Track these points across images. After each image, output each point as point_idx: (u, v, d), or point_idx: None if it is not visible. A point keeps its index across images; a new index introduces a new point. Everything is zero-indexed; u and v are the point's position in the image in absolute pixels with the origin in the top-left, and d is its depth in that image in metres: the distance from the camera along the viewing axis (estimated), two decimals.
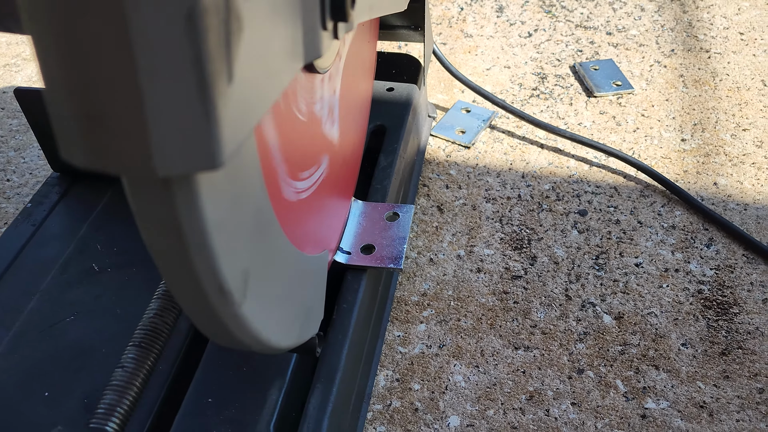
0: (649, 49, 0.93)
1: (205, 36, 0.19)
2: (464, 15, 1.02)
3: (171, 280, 0.27)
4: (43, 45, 0.19)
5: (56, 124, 0.21)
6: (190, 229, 0.24)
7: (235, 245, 0.27)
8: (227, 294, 0.27)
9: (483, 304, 0.62)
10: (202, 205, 0.23)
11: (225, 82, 0.21)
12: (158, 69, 0.19)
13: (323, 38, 0.31)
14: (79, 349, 0.50)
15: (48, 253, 0.58)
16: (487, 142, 0.80)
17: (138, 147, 0.20)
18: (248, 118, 0.23)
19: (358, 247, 0.55)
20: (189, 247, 0.24)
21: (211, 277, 0.26)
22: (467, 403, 0.54)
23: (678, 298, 0.62)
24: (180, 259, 0.25)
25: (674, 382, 0.55)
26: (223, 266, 0.26)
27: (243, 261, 0.28)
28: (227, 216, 0.26)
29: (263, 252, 0.31)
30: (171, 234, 0.24)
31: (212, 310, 0.28)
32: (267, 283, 0.32)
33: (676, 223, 0.69)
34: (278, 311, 0.34)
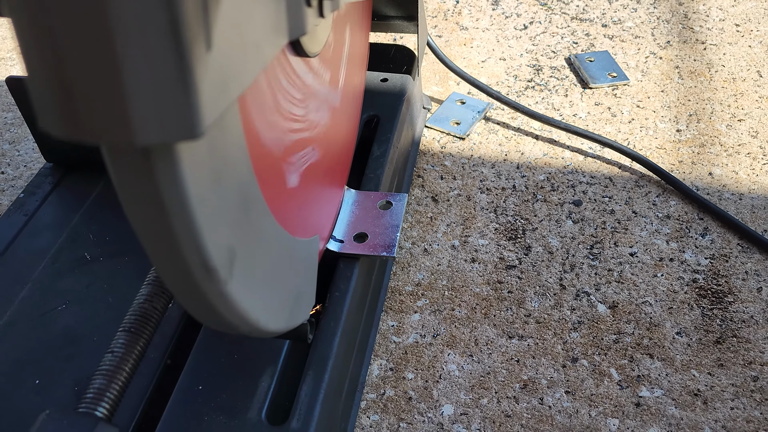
0: (644, 40, 0.93)
1: (182, 1, 0.19)
2: (459, 8, 1.02)
3: (155, 256, 0.26)
4: (19, 13, 0.19)
5: (34, 94, 0.21)
6: (172, 201, 0.23)
7: (219, 220, 0.27)
8: (212, 271, 0.27)
9: (477, 294, 0.62)
10: (183, 177, 0.23)
11: (203, 49, 0.20)
12: (133, 34, 0.19)
13: (308, 15, 0.31)
14: (70, 337, 0.50)
15: (40, 243, 0.57)
16: (482, 134, 0.79)
17: (115, 116, 0.20)
18: (229, 89, 0.23)
19: (351, 235, 0.55)
20: (171, 221, 0.24)
21: (195, 253, 0.26)
22: (461, 391, 0.54)
23: (673, 287, 0.61)
24: (163, 233, 0.25)
25: (668, 370, 0.55)
26: (207, 241, 0.26)
27: (228, 238, 0.28)
28: (210, 189, 0.25)
29: (249, 230, 0.31)
30: (153, 206, 0.24)
31: (198, 289, 0.27)
32: (254, 262, 0.32)
33: (671, 213, 0.68)
34: (266, 293, 0.34)
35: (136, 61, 0.19)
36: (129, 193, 0.24)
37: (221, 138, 0.26)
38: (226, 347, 0.48)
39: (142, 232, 0.25)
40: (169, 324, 0.50)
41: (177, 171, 0.23)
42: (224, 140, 0.27)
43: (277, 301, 0.36)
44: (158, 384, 0.47)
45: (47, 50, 0.19)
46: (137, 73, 0.19)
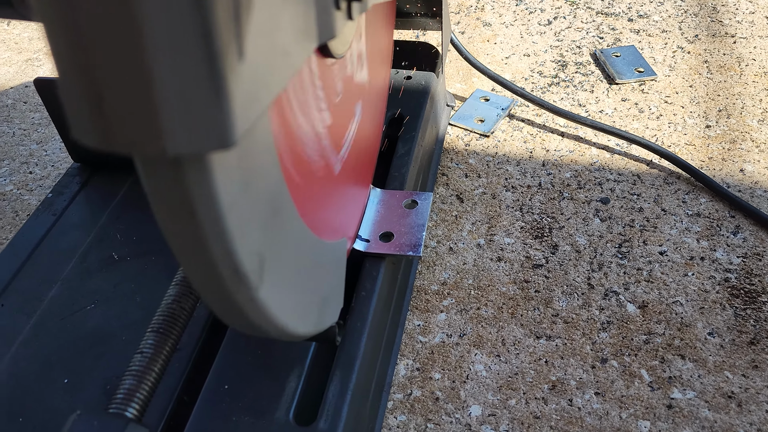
0: (672, 35, 0.91)
1: (214, 10, 0.19)
2: (482, 3, 1.01)
3: (187, 263, 0.26)
4: (50, 23, 0.19)
5: (67, 104, 0.21)
6: (204, 209, 0.23)
7: (249, 226, 0.26)
8: (243, 277, 0.27)
9: (504, 293, 0.61)
10: (215, 185, 0.23)
11: (236, 58, 0.20)
12: (166, 44, 0.19)
13: (337, 18, 0.31)
14: (99, 336, 0.51)
15: (68, 242, 0.58)
16: (507, 131, 0.79)
17: (147, 126, 0.20)
18: (261, 98, 0.23)
19: (377, 234, 0.54)
20: (203, 229, 0.24)
21: (227, 259, 0.25)
22: (489, 392, 0.54)
23: (704, 287, 0.60)
24: (194, 240, 0.25)
25: (701, 371, 0.54)
26: (238, 248, 0.25)
27: (258, 243, 0.28)
28: (241, 196, 0.25)
29: (279, 235, 0.31)
30: (184, 214, 0.23)
31: (229, 294, 0.27)
32: (283, 267, 0.31)
33: (701, 211, 0.67)
34: (295, 296, 0.34)
35: (167, 71, 0.19)
36: (160, 200, 0.24)
37: (251, 143, 0.26)
38: (253, 347, 0.47)
39: (172, 238, 0.25)
40: (197, 324, 0.50)
41: (209, 179, 0.23)
42: (254, 145, 0.26)
43: (306, 304, 0.36)
44: (186, 384, 0.47)
45: (79, 60, 0.19)
46: (169, 83, 0.19)
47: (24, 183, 0.77)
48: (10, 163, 0.79)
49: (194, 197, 0.23)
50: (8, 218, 0.72)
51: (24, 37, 1.02)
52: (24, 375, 0.48)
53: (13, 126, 0.85)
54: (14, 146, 0.82)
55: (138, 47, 0.19)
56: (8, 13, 0.37)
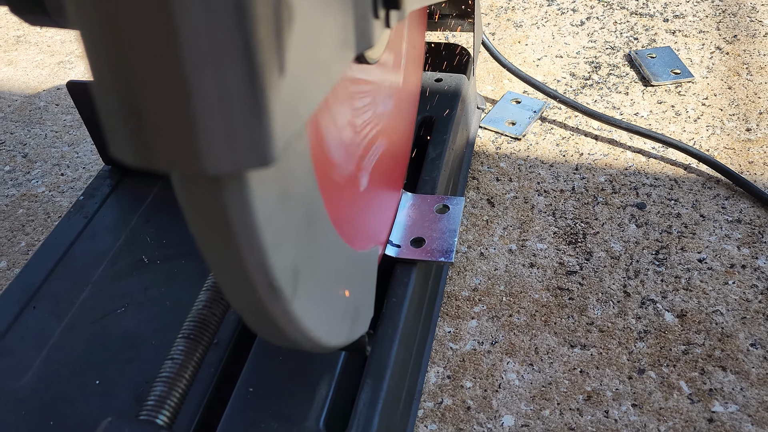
0: (709, 35, 0.89)
1: (256, 26, 0.18)
2: (513, 4, 0.99)
3: (220, 276, 0.26)
4: (89, 39, 0.19)
5: (105, 121, 0.20)
6: (240, 225, 0.23)
7: (284, 240, 0.26)
8: (278, 291, 0.26)
9: (536, 300, 0.60)
10: (253, 202, 0.22)
11: (276, 75, 0.20)
12: (206, 62, 0.18)
13: (375, 27, 0.30)
14: (129, 340, 0.50)
15: (99, 245, 0.58)
16: (539, 134, 0.77)
17: (187, 144, 0.19)
18: (300, 112, 0.22)
19: (408, 240, 0.53)
20: (239, 243, 0.23)
21: (262, 274, 0.25)
22: (521, 402, 0.52)
23: (745, 296, 0.58)
24: (229, 254, 0.24)
25: (743, 384, 0.52)
26: (273, 262, 0.25)
27: (293, 256, 0.27)
28: (277, 210, 0.25)
29: (313, 247, 0.30)
30: (220, 228, 0.23)
31: (263, 307, 0.27)
32: (317, 279, 0.31)
33: (741, 217, 0.65)
34: (328, 308, 0.33)
35: (207, 89, 0.18)
36: (195, 213, 0.23)
37: (287, 156, 0.25)
38: (283, 354, 0.47)
39: (206, 250, 0.25)
40: (226, 329, 0.49)
41: (246, 195, 0.22)
42: (290, 158, 0.26)
43: (339, 316, 0.35)
44: (216, 390, 0.46)
45: (118, 75, 0.19)
46: (209, 100, 0.18)
47: (56, 185, 0.77)
48: (42, 165, 0.80)
49: (231, 212, 0.23)
50: (40, 220, 0.73)
51: (56, 40, 1.03)
52: (55, 378, 0.48)
53: (45, 128, 0.86)
54: (46, 148, 0.83)
55: (178, 63, 0.18)
56: (44, 21, 0.37)
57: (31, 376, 0.48)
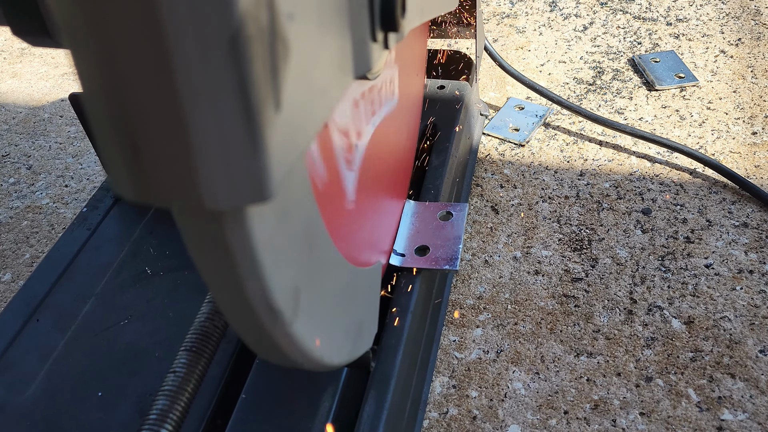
0: (713, 39, 0.88)
1: (250, 63, 0.18)
2: (516, 10, 0.99)
3: (220, 298, 0.26)
4: (85, 73, 0.18)
5: (104, 156, 0.20)
6: (240, 252, 0.23)
7: (284, 261, 0.26)
8: (278, 313, 0.26)
9: (542, 308, 0.59)
10: (252, 230, 0.22)
11: (272, 111, 0.19)
12: (202, 99, 0.18)
13: (373, 50, 0.30)
14: (132, 352, 0.50)
15: (103, 257, 0.58)
16: (542, 140, 0.77)
17: (185, 181, 0.19)
18: (297, 143, 0.22)
19: (412, 248, 0.53)
20: (238, 269, 0.23)
21: (261, 297, 0.25)
22: (528, 411, 0.52)
23: (754, 302, 0.58)
24: (229, 279, 0.24)
25: (753, 391, 0.51)
26: (273, 285, 0.25)
27: (293, 277, 0.27)
28: (276, 233, 0.24)
29: (314, 266, 0.30)
30: (220, 256, 0.23)
31: (263, 330, 0.26)
32: (318, 299, 0.31)
33: (748, 222, 0.64)
34: (330, 328, 0.33)
35: (204, 126, 0.18)
36: (194, 241, 0.23)
37: (287, 181, 0.25)
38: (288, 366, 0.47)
39: (205, 273, 0.25)
40: (229, 341, 0.49)
41: (245, 226, 0.22)
42: (290, 182, 0.25)
43: (341, 335, 0.35)
44: (219, 403, 0.46)
45: (115, 112, 0.19)
46: (206, 138, 0.18)
47: (60, 196, 0.77)
48: (47, 177, 0.80)
49: (231, 242, 0.23)
50: (44, 231, 0.73)
51: (60, 52, 1.04)
52: (58, 391, 0.48)
53: (50, 140, 0.86)
54: (50, 160, 0.83)
55: (175, 102, 0.18)
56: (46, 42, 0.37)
57: (35, 389, 0.48)
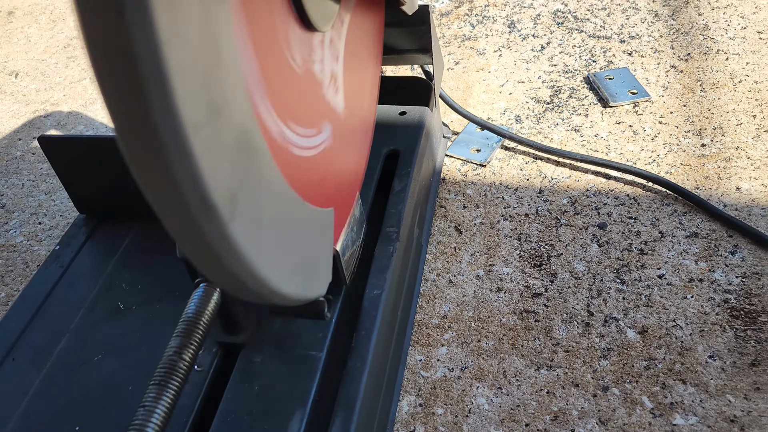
0: (664, 54, 0.92)
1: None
2: (476, 33, 1.03)
3: (153, 192, 0.26)
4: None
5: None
6: (165, 126, 0.23)
7: (217, 158, 0.26)
8: (212, 208, 0.26)
9: (504, 324, 0.61)
10: (180, 112, 0.23)
11: None
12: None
13: None
14: (107, 387, 0.52)
15: (76, 294, 0.60)
16: (503, 159, 0.80)
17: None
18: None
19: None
20: (166, 144, 0.24)
21: (193, 185, 0.25)
22: (491, 425, 0.54)
23: (703, 309, 0.60)
24: (158, 162, 0.24)
25: (703, 396, 0.54)
26: (205, 174, 0.25)
27: (228, 177, 0.27)
28: (205, 122, 0.25)
29: (252, 178, 0.31)
30: (148, 136, 0.23)
31: (199, 228, 0.26)
32: (259, 213, 0.31)
33: (698, 231, 0.68)
34: (275, 249, 0.33)
35: None
36: (123, 123, 0.24)
37: (216, 68, 0.26)
38: (256, 392, 0.48)
39: (135, 163, 0.25)
40: (200, 372, 0.51)
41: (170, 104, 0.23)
42: (219, 71, 0.26)
43: (288, 262, 0.36)
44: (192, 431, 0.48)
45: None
46: None
47: (33, 234, 0.79)
48: (20, 215, 0.82)
49: (157, 118, 0.23)
50: (19, 270, 0.74)
51: (31, 89, 1.05)
52: (36, 428, 0.50)
53: (22, 177, 0.88)
54: (23, 198, 0.84)
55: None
56: None
57: (11, 428, 0.50)
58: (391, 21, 0.72)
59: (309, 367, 0.49)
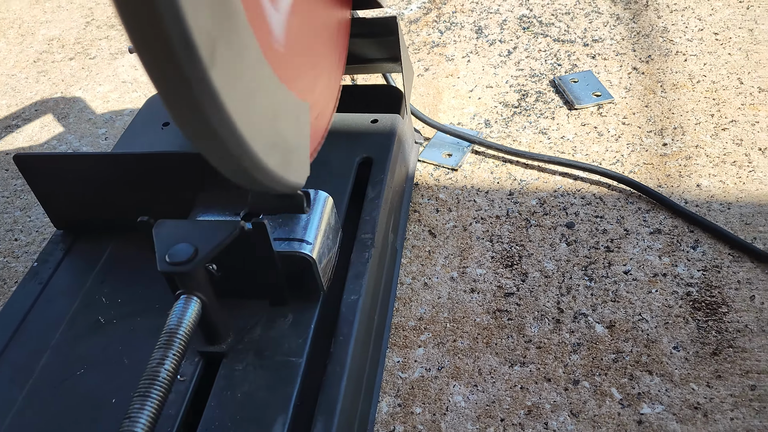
0: (626, 57, 0.95)
1: None
2: (445, 39, 1.05)
3: (136, 32, 0.28)
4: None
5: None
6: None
7: (197, 4, 0.28)
8: (193, 49, 0.28)
9: (478, 324, 0.63)
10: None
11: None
12: None
13: None
14: (91, 402, 0.53)
15: (56, 310, 0.60)
16: (474, 163, 0.82)
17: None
18: None
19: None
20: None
21: (176, 24, 0.27)
22: (468, 422, 0.56)
23: (667, 302, 0.63)
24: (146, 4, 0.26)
25: (668, 385, 0.57)
26: (187, 13, 0.27)
27: (208, 24, 0.29)
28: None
29: (231, 31, 0.32)
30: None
31: (179, 69, 0.29)
32: (237, 68, 0.33)
33: (661, 228, 0.70)
34: (253, 112, 0.35)
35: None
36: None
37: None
38: (238, 399, 0.50)
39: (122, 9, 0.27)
40: (183, 383, 0.52)
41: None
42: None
43: (265, 131, 0.37)
44: None
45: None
46: None
47: (10, 251, 0.79)
48: None
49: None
50: None
51: (2, 105, 1.05)
52: None
53: None
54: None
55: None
56: None
57: None
58: (360, 32, 0.73)
59: (290, 373, 0.51)
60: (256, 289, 0.55)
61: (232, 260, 0.51)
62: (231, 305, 0.55)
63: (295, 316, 0.54)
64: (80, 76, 1.11)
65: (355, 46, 0.76)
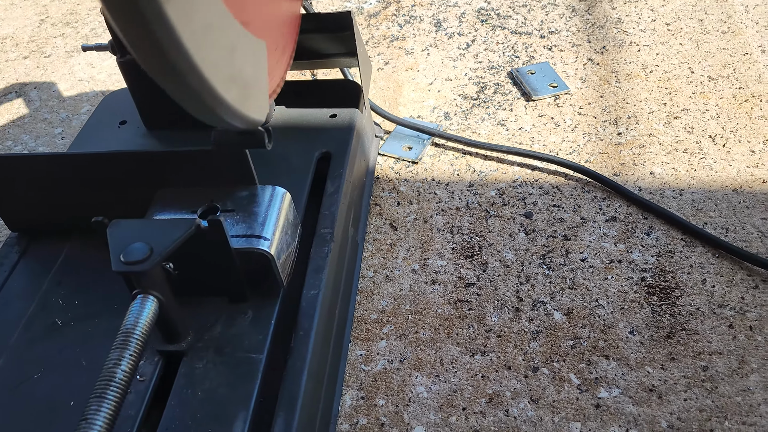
0: (582, 48, 0.97)
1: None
2: (404, 32, 1.05)
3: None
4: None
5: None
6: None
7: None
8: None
9: (440, 315, 0.64)
10: None
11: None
12: None
13: None
14: (48, 404, 0.52)
15: (12, 313, 0.59)
16: (434, 155, 0.82)
17: None
18: None
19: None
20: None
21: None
22: (430, 412, 0.57)
23: (623, 288, 0.65)
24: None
25: (624, 369, 0.58)
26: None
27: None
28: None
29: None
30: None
31: (136, 2, 0.29)
32: (192, 6, 0.34)
33: (616, 216, 0.72)
34: (208, 45, 0.36)
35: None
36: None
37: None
38: (199, 398, 0.50)
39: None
40: (142, 382, 0.52)
41: None
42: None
43: (224, 66, 0.38)
44: None
45: None
46: None
47: None
48: None
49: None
50: None
51: None
52: None
53: None
54: None
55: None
56: None
57: None
58: (315, 27, 0.73)
59: (250, 370, 0.51)
60: (215, 286, 0.55)
61: (189, 258, 0.51)
62: (190, 303, 0.55)
63: (255, 313, 0.54)
64: (35, 74, 1.08)
65: (311, 42, 0.76)
